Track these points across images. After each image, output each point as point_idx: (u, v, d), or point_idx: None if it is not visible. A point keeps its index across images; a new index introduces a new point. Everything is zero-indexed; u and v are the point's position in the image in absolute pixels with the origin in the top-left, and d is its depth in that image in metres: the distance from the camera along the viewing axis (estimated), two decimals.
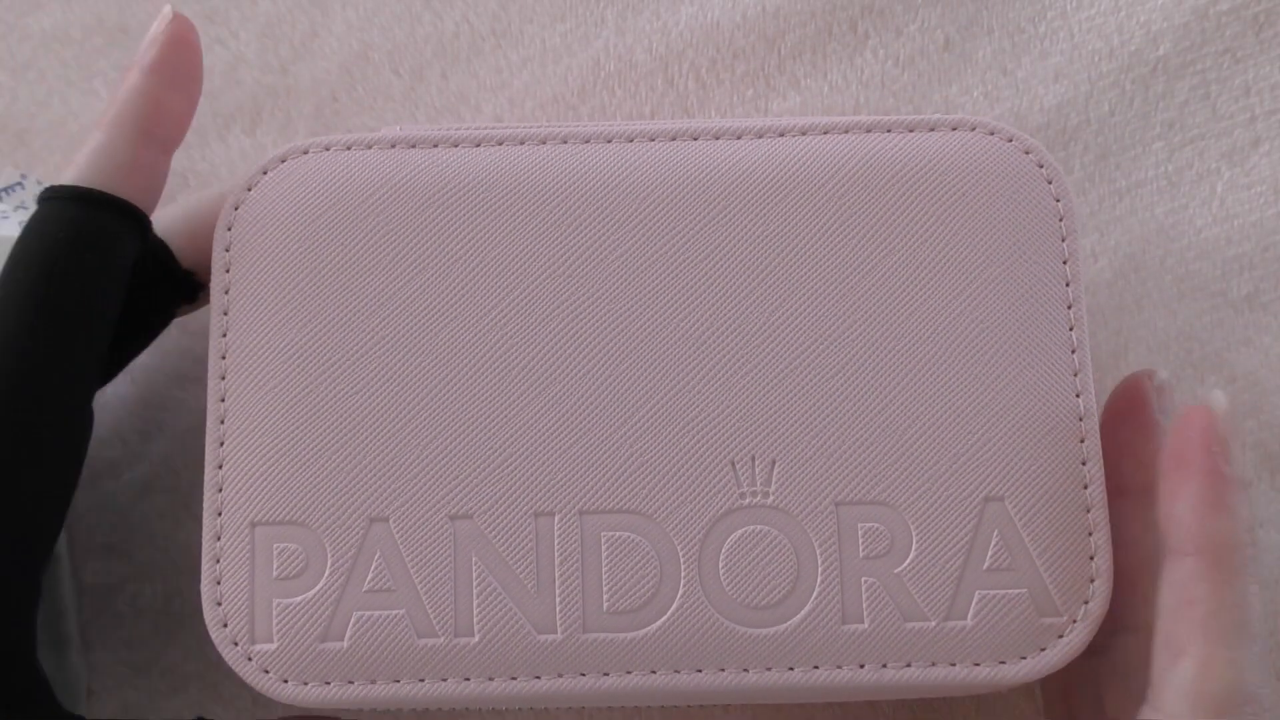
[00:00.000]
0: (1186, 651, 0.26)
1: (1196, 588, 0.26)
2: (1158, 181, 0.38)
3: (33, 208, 0.30)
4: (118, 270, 0.30)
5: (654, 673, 0.28)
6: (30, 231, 0.29)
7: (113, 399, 0.36)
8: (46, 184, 0.35)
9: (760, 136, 0.31)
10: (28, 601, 0.28)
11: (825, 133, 0.31)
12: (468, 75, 0.39)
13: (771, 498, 0.29)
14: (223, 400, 0.29)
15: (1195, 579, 0.27)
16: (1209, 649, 0.26)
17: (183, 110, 0.31)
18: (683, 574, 0.29)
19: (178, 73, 0.31)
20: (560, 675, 0.28)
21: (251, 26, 0.40)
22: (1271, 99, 0.38)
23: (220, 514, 0.29)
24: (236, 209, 0.30)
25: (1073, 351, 0.30)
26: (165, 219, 0.32)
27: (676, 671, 0.28)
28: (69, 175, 0.30)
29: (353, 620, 0.28)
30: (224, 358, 0.30)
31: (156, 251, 0.31)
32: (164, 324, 0.33)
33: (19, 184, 0.36)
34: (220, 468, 0.29)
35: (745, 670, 0.28)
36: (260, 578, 0.29)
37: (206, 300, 0.33)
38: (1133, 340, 0.37)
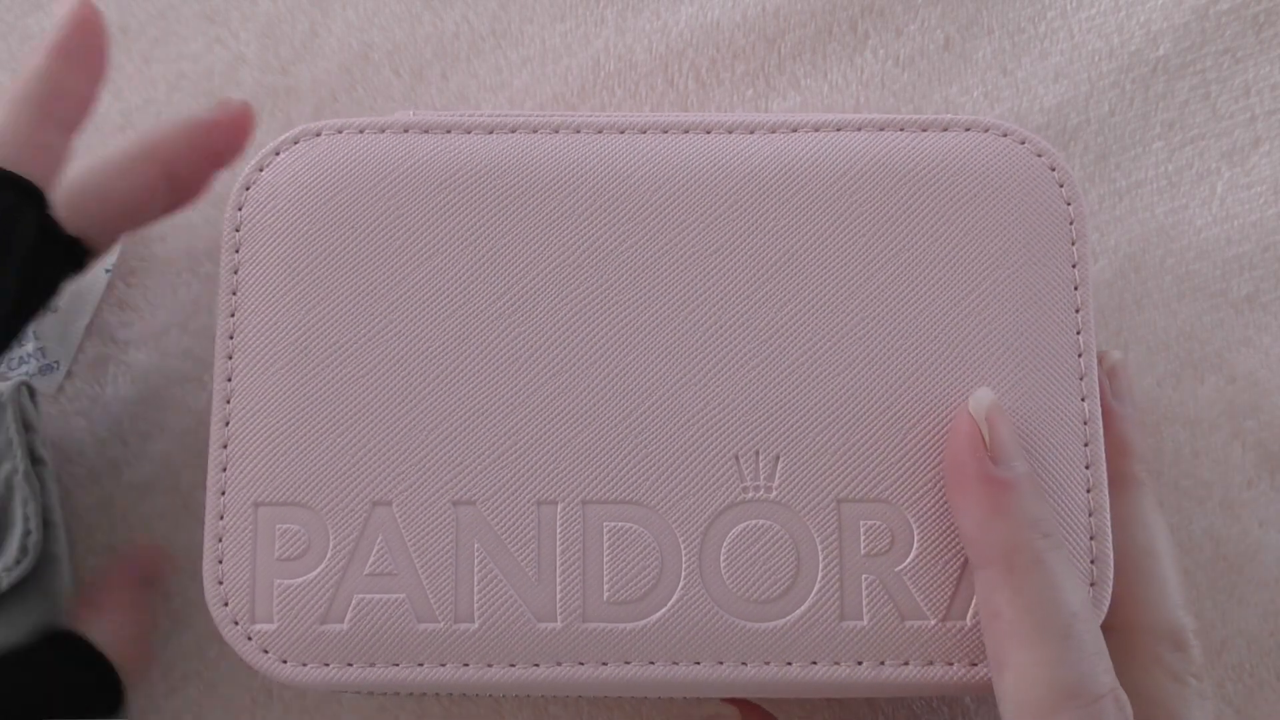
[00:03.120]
0: (1006, 664, 0.26)
1: (997, 598, 0.27)
2: (1158, 181, 0.38)
3: None
4: (15, 246, 0.29)
5: (652, 664, 0.28)
6: None
7: (113, 399, 0.36)
8: None
9: (772, 132, 0.31)
10: None
11: (838, 129, 0.31)
12: (468, 75, 0.39)
13: (774, 493, 0.29)
14: (229, 380, 0.29)
15: (993, 590, 0.27)
16: (1020, 656, 0.26)
17: (85, 91, 0.31)
18: (683, 566, 0.29)
19: (79, 54, 0.31)
20: (559, 664, 0.28)
21: (251, 26, 0.40)
22: (1271, 99, 0.38)
23: (224, 493, 0.29)
24: (248, 189, 0.30)
25: (1079, 355, 0.30)
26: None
27: (675, 663, 0.28)
28: None
29: (353, 603, 0.28)
30: (231, 338, 0.30)
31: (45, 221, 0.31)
32: (51, 294, 0.32)
33: None
34: (225, 447, 0.29)
35: (743, 664, 0.28)
36: (262, 558, 0.29)
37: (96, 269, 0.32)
38: (1133, 340, 0.37)
